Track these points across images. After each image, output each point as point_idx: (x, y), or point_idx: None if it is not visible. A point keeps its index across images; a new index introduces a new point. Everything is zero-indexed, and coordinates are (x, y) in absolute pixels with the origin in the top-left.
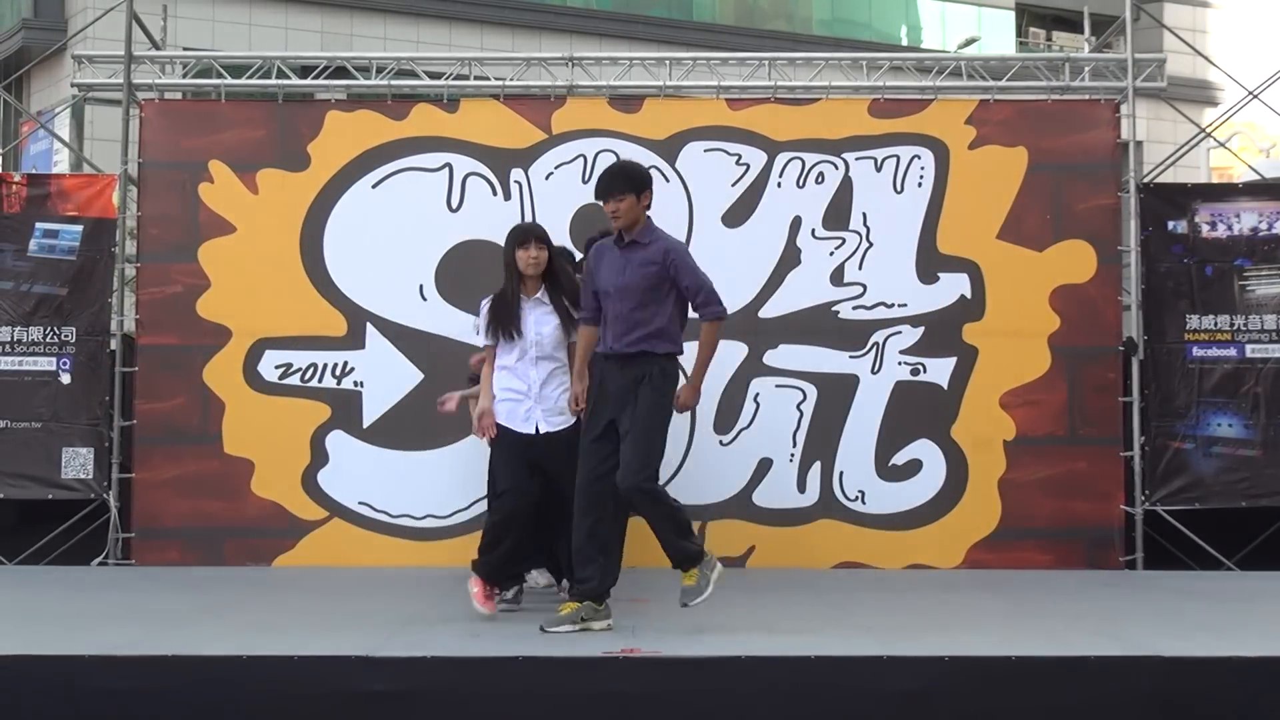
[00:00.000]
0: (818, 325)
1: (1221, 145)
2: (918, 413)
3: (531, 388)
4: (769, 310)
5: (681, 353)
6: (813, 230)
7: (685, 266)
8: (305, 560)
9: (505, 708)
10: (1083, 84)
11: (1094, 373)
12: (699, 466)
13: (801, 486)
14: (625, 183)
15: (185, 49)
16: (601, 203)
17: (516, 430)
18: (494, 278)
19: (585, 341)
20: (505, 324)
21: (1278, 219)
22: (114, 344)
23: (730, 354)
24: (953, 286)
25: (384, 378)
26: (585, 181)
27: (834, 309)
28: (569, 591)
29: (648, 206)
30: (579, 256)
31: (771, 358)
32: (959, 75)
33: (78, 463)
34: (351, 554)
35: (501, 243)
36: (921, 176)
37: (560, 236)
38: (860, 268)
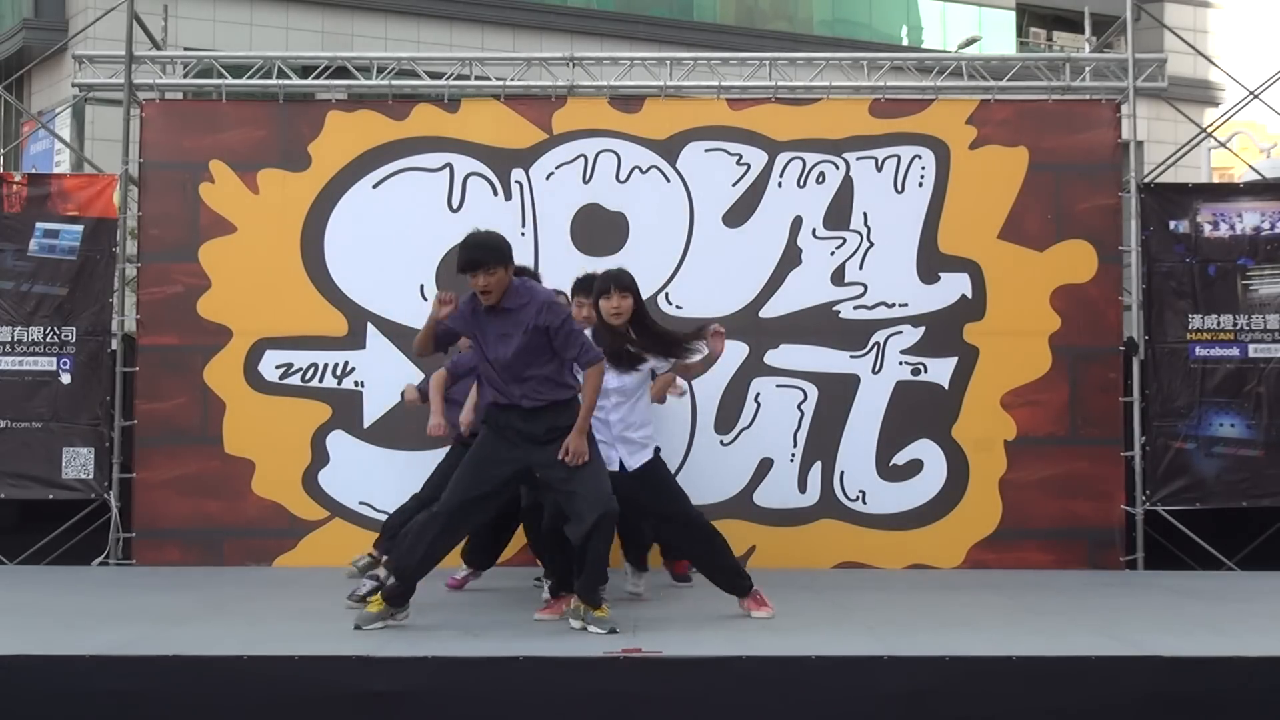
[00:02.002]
0: (818, 325)
1: (1222, 145)
2: (918, 413)
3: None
4: (770, 310)
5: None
6: (813, 230)
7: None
8: (306, 560)
9: (505, 708)
10: (1083, 84)
11: (1095, 373)
12: (700, 466)
13: (802, 486)
14: (495, 254)
15: (186, 49)
16: (469, 276)
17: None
18: None
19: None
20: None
21: (1279, 219)
22: (115, 344)
23: (731, 354)
24: (953, 286)
25: (385, 378)
26: (586, 182)
27: (835, 309)
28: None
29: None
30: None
31: (772, 358)
32: (960, 75)
33: (78, 463)
34: (352, 554)
35: None
36: (922, 176)
37: (561, 236)
38: (861, 267)
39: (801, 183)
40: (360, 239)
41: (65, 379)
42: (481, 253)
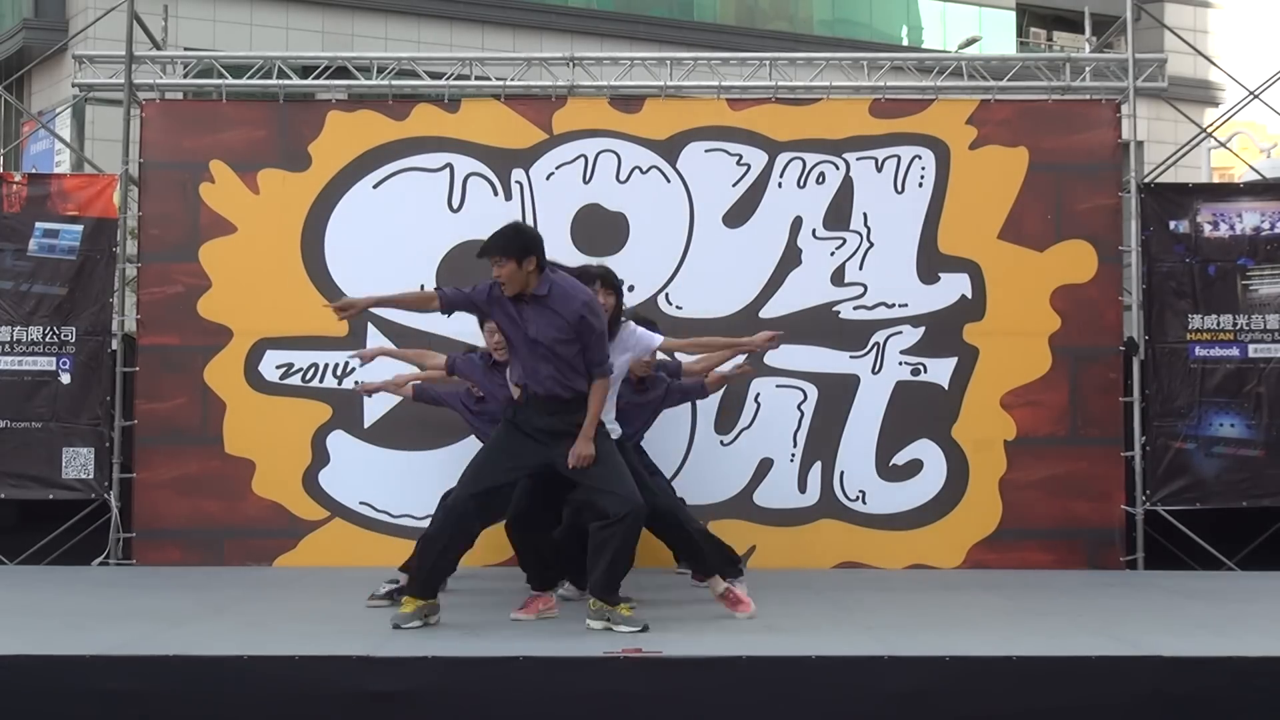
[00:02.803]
0: (818, 325)
1: (1222, 145)
2: (918, 413)
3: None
4: (769, 310)
5: None
6: (813, 230)
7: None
8: (306, 560)
9: (505, 708)
10: (1084, 84)
11: (1095, 373)
12: (700, 466)
13: (802, 486)
14: (502, 247)
15: (186, 49)
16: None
17: None
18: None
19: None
20: None
21: (1279, 219)
22: (115, 344)
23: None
24: (953, 286)
25: (385, 378)
26: (586, 182)
27: (835, 309)
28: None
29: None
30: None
31: (772, 358)
32: (960, 75)
33: (78, 463)
34: (352, 554)
35: None
36: (922, 176)
37: (561, 237)
38: (861, 268)
39: (801, 183)
40: (360, 239)
41: (65, 379)
42: (490, 241)
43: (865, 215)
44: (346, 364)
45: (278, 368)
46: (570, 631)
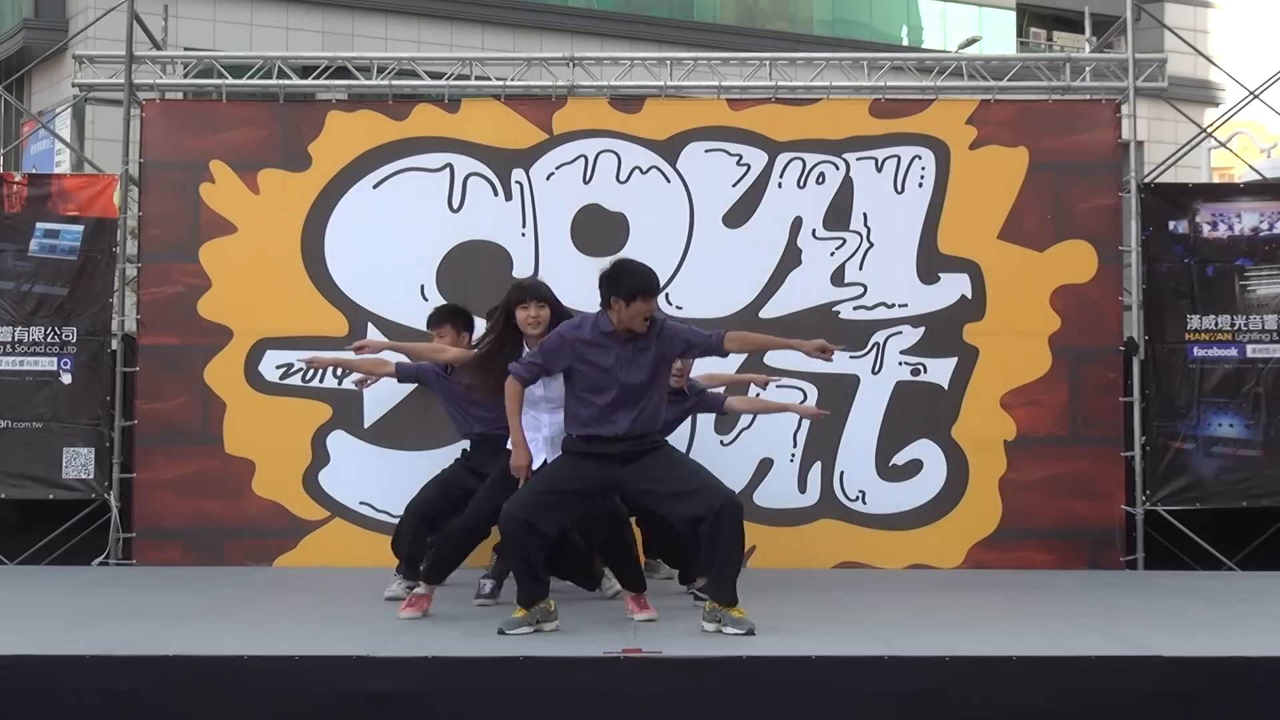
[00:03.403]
0: (818, 326)
1: (1222, 145)
2: (918, 413)
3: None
4: (770, 310)
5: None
6: (813, 230)
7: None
8: (306, 560)
9: (505, 708)
10: (1084, 84)
11: (1095, 373)
12: None
13: (802, 487)
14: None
15: (186, 49)
16: (643, 299)
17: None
18: (494, 277)
19: (519, 398)
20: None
21: (1279, 219)
22: (115, 344)
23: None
24: (953, 287)
25: (385, 378)
26: (586, 182)
27: (835, 309)
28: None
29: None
30: None
31: (772, 358)
32: (960, 75)
33: (79, 463)
34: (352, 554)
35: (502, 243)
36: (922, 176)
37: (561, 237)
38: (861, 268)
39: (801, 183)
40: (360, 239)
41: (66, 379)
42: (649, 279)
43: (865, 215)
44: None
45: (278, 368)
46: (570, 631)
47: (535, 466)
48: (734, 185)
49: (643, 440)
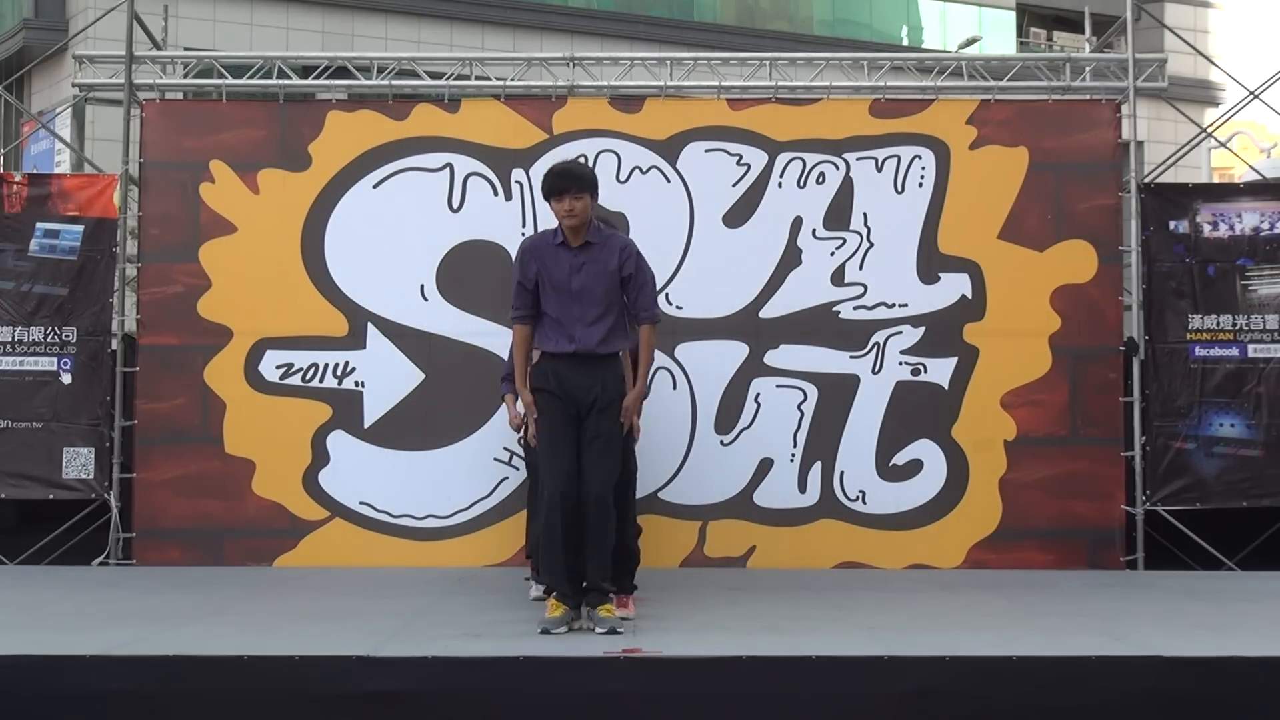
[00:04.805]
0: (818, 325)
1: (1222, 145)
2: (918, 413)
3: None
4: (770, 310)
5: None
6: (813, 230)
7: (642, 268)
8: (306, 560)
9: (505, 708)
10: (1084, 84)
11: (1095, 373)
12: (700, 466)
13: (802, 486)
14: (582, 182)
15: (186, 49)
16: (553, 200)
17: None
18: (494, 277)
19: (526, 343)
20: None
21: (1279, 219)
22: (115, 344)
23: (731, 354)
24: (953, 286)
25: (385, 378)
26: None
27: (835, 309)
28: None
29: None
30: None
31: (772, 358)
32: (960, 75)
33: (79, 463)
34: (352, 554)
35: (502, 243)
36: (922, 176)
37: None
38: (861, 268)
39: (801, 183)
40: (360, 239)
41: (66, 379)
42: (566, 180)
43: (865, 215)
44: (347, 363)
45: (278, 368)
46: (570, 631)
47: None
48: (734, 185)
49: (597, 365)
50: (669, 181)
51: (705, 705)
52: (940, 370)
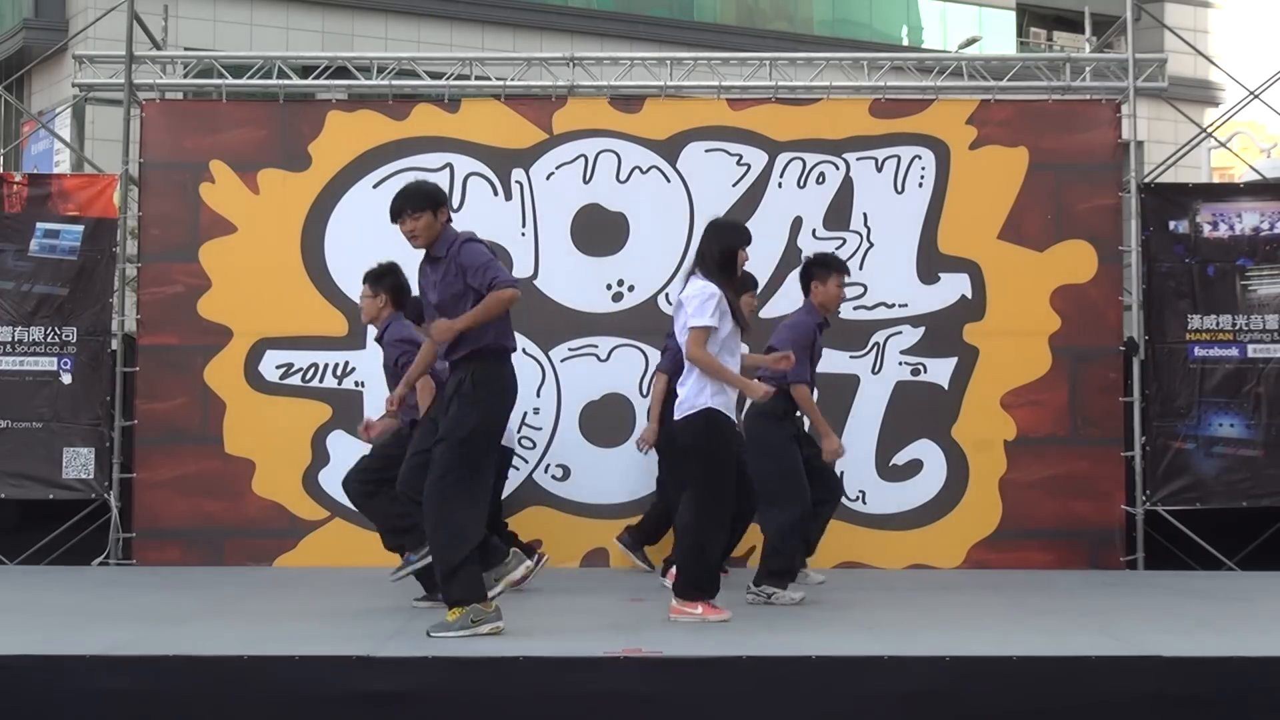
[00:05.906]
0: None
1: (1222, 145)
2: (918, 413)
3: None
4: (770, 311)
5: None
6: (814, 230)
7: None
8: (306, 560)
9: (505, 708)
10: (1084, 84)
11: (1095, 373)
12: None
13: None
14: (415, 201)
15: (186, 49)
16: (397, 224)
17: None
18: None
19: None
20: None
21: (1279, 219)
22: (115, 344)
23: None
24: (953, 286)
25: (385, 378)
26: (586, 182)
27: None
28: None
29: (447, 221)
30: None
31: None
32: (960, 75)
33: (79, 463)
34: (352, 554)
35: (501, 242)
36: (922, 176)
37: (561, 236)
38: (861, 268)
39: (802, 183)
40: (360, 239)
41: (66, 379)
42: (401, 200)
43: (865, 215)
44: (347, 363)
45: (278, 368)
46: (570, 631)
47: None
48: (734, 185)
49: (455, 372)
50: (669, 181)
51: (705, 705)
52: (940, 370)
